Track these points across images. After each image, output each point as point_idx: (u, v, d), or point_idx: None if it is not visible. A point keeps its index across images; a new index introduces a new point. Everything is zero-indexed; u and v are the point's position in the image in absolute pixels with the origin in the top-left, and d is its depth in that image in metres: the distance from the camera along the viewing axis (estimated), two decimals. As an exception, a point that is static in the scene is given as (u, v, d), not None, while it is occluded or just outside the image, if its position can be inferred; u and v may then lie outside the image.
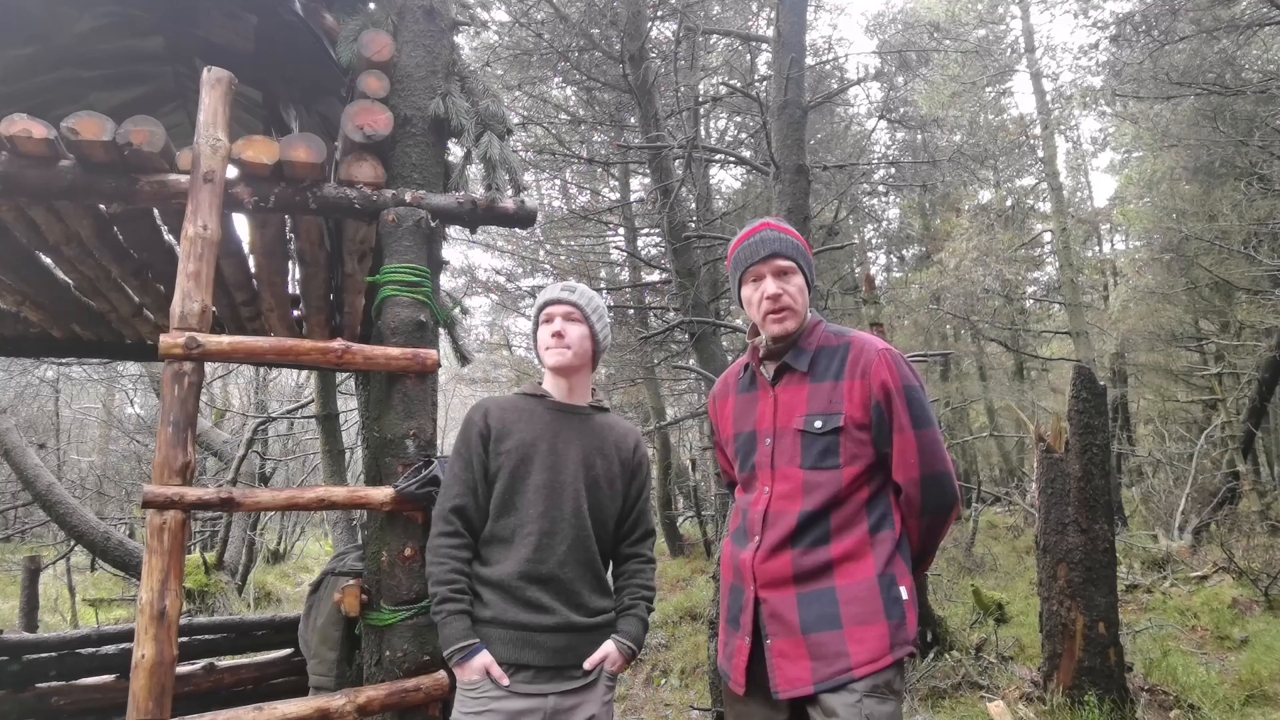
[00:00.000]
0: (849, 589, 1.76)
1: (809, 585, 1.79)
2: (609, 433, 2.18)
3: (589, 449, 2.11)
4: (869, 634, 1.72)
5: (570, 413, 2.15)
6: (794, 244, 1.94)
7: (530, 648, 1.93)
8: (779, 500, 1.86)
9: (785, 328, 1.91)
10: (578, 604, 2.00)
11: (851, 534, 1.81)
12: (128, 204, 2.48)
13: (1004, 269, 12.97)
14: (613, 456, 2.14)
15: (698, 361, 8.28)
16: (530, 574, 1.97)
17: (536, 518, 2.00)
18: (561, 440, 2.09)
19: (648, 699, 6.32)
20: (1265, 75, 9.78)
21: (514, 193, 2.80)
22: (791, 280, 1.92)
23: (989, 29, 14.67)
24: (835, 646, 1.72)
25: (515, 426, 2.09)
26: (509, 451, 2.05)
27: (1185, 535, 9.55)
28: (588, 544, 2.04)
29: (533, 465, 2.04)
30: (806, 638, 1.75)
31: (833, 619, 1.74)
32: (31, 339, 4.27)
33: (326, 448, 7.17)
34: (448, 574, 1.98)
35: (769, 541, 1.84)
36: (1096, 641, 4.39)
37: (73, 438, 17.83)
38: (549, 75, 10.18)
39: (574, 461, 2.07)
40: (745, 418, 2.02)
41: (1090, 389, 4.69)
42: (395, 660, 2.41)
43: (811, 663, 1.73)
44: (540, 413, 2.13)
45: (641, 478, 2.20)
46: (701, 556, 12.07)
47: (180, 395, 2.22)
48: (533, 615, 1.95)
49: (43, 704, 3.76)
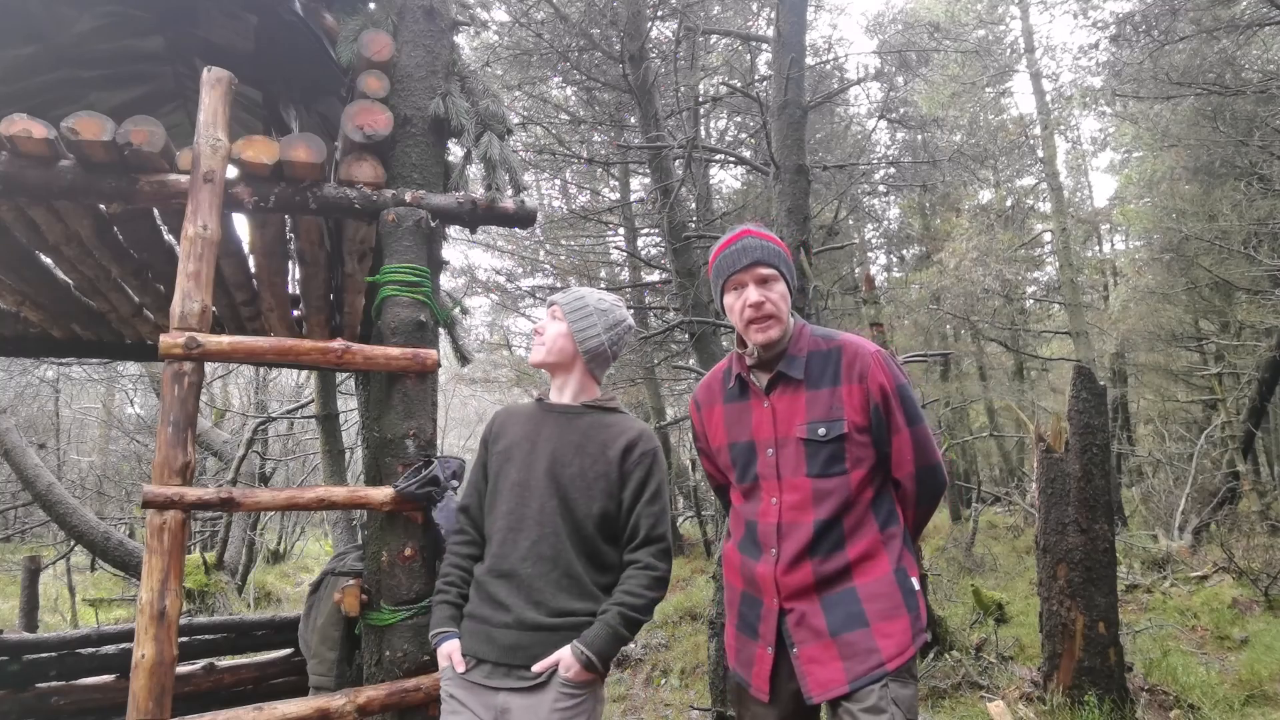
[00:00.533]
0: (868, 586, 1.83)
1: (830, 590, 1.84)
2: (598, 431, 2.09)
3: (566, 446, 2.06)
4: (894, 628, 1.80)
5: (557, 411, 2.15)
6: (775, 251, 1.96)
7: (485, 642, 1.95)
8: (790, 511, 1.88)
9: (769, 335, 1.92)
10: (537, 602, 1.93)
11: (865, 535, 1.87)
12: (128, 204, 2.48)
13: (1004, 269, 12.96)
14: (595, 455, 2.05)
15: (698, 361, 8.28)
16: (494, 569, 2.00)
17: (505, 514, 2.03)
18: (542, 438, 2.10)
19: (648, 699, 6.32)
20: (1265, 75, 9.78)
21: (514, 193, 2.80)
22: (773, 288, 1.94)
23: (989, 29, 14.67)
24: (865, 644, 1.79)
25: (508, 428, 2.17)
26: (499, 452, 2.14)
27: (1185, 535, 9.55)
28: (555, 541, 1.97)
29: (512, 465, 2.09)
30: (837, 640, 1.80)
31: (859, 618, 1.81)
32: (31, 339, 4.27)
33: (326, 448, 7.17)
34: (445, 569, 2.13)
35: (787, 554, 1.86)
36: (1096, 641, 4.40)
37: (73, 438, 17.83)
38: (549, 75, 10.18)
39: (546, 458, 2.05)
40: (739, 427, 2.01)
41: (1090, 389, 4.69)
42: (395, 660, 2.41)
43: (844, 663, 1.79)
44: (535, 414, 2.18)
45: (638, 480, 2.03)
46: (701, 556, 12.07)
47: (180, 395, 2.22)
48: (490, 610, 1.97)
49: (43, 704, 3.76)
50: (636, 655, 7.27)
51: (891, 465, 1.92)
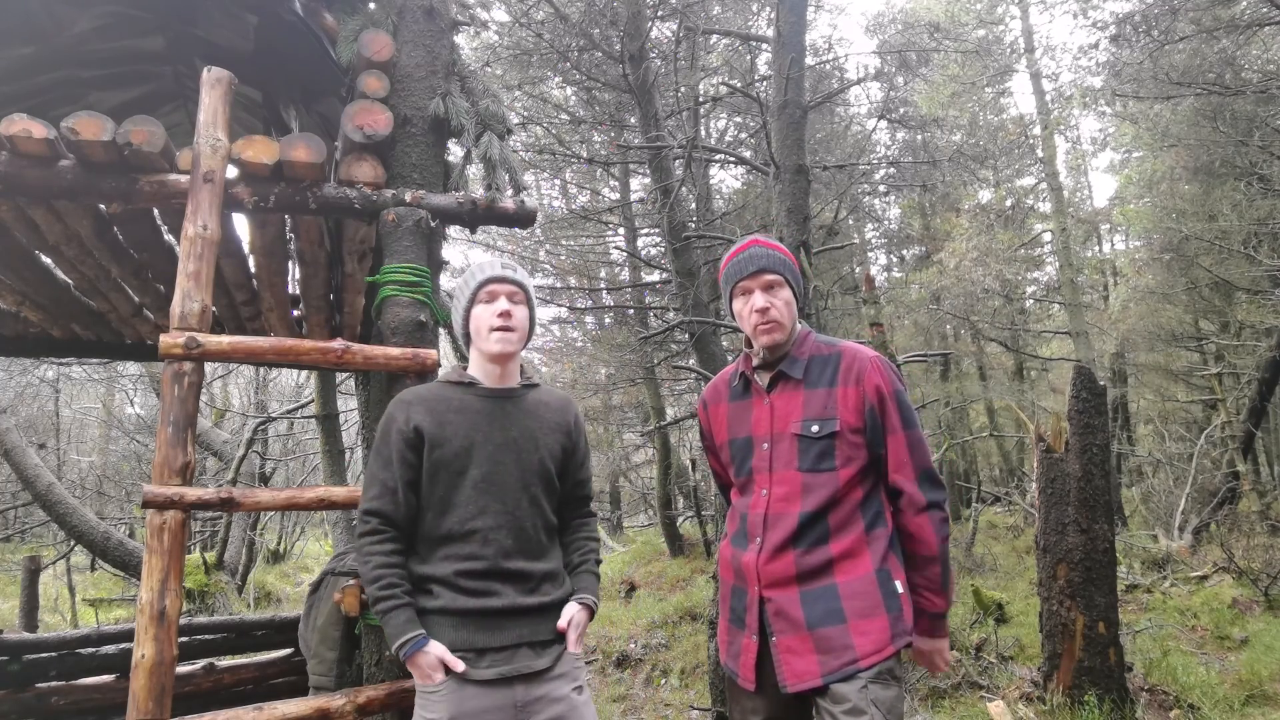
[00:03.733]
0: (850, 584, 1.86)
1: (811, 583, 1.88)
2: (544, 410, 2.10)
3: (528, 432, 2.04)
4: (872, 626, 1.83)
5: (503, 398, 2.05)
6: (781, 260, 2.05)
7: (485, 631, 1.88)
8: (778, 502, 1.94)
9: (774, 339, 2.02)
10: (531, 589, 1.96)
11: (849, 533, 1.90)
12: (128, 204, 2.48)
13: (1004, 269, 12.96)
14: (554, 432, 2.08)
15: (698, 361, 8.28)
16: (478, 571, 1.91)
17: (477, 514, 1.93)
18: (498, 430, 2.00)
19: (648, 699, 6.32)
20: (1265, 75, 9.78)
21: (514, 193, 2.80)
22: (779, 294, 2.03)
23: (989, 29, 14.67)
24: (841, 640, 1.82)
25: (447, 420, 1.98)
26: (444, 448, 1.95)
27: (1185, 535, 9.55)
28: (534, 531, 2.00)
29: (470, 460, 1.95)
30: (813, 633, 1.84)
31: (837, 614, 1.84)
32: (31, 339, 4.27)
33: (326, 448, 7.17)
34: (373, 571, 1.88)
35: (771, 543, 1.92)
36: (1096, 641, 4.39)
37: (73, 438, 17.84)
38: (549, 75, 10.18)
39: (514, 450, 2.00)
40: (740, 424, 2.10)
41: (1090, 389, 4.69)
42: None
43: (819, 656, 1.83)
44: (470, 402, 2.02)
45: (582, 446, 2.17)
46: (701, 556, 12.07)
47: (180, 395, 2.23)
48: (484, 600, 1.89)
49: (43, 704, 3.76)
50: (636, 655, 7.27)
51: (889, 467, 1.95)
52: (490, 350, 2.01)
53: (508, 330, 2.01)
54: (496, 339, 2.00)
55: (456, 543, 1.93)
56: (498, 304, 2.01)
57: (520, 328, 2.05)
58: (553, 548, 2.08)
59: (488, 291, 2.03)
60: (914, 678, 5.20)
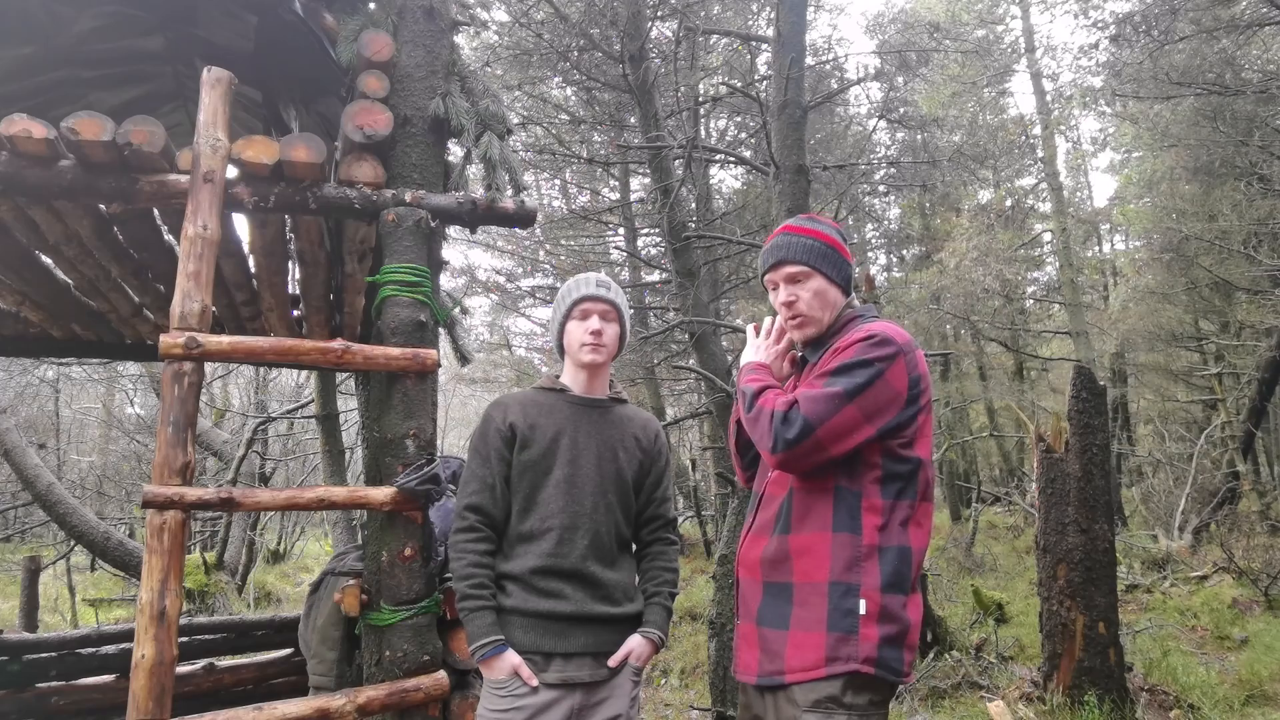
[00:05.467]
0: (803, 589, 1.71)
1: (774, 576, 1.77)
2: (629, 424, 2.18)
3: (610, 441, 2.12)
4: (809, 641, 1.67)
5: (591, 406, 2.14)
6: (807, 247, 1.86)
7: (557, 636, 1.95)
8: (773, 484, 1.87)
9: (805, 333, 1.90)
10: (602, 596, 2.02)
11: (809, 529, 1.73)
12: (128, 204, 2.48)
13: (1004, 269, 12.96)
14: (633, 447, 2.16)
15: (698, 361, 8.27)
16: (552, 569, 1.98)
17: (557, 513, 2.01)
18: (582, 434, 2.09)
19: (648, 699, 6.32)
20: (1265, 75, 9.79)
21: (514, 193, 2.80)
22: (804, 285, 1.86)
23: (989, 29, 14.68)
24: (776, 646, 1.73)
25: (538, 422, 2.07)
26: (532, 448, 2.04)
27: (1185, 535, 9.55)
28: (609, 537, 2.06)
29: (554, 461, 2.04)
30: (759, 630, 1.78)
31: (784, 618, 1.73)
32: (31, 339, 4.27)
33: (326, 448, 7.17)
34: (466, 569, 1.96)
35: (757, 524, 1.87)
36: (1096, 641, 4.40)
37: (73, 438, 17.83)
38: (549, 75, 10.18)
39: (594, 455, 2.08)
40: None
41: (1090, 389, 4.69)
42: (395, 660, 2.41)
43: (759, 654, 1.76)
44: (561, 407, 2.12)
45: (662, 465, 2.22)
46: (701, 556, 12.06)
47: (180, 395, 2.22)
48: (554, 604, 1.96)
49: (43, 704, 3.76)
50: (636, 655, 7.26)
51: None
52: (582, 360, 2.11)
53: (599, 345, 2.10)
54: (588, 351, 2.10)
55: (535, 541, 2.00)
56: (590, 322, 2.09)
57: (610, 344, 2.12)
58: (624, 558, 2.13)
59: (581, 309, 2.11)
60: (914, 677, 5.20)
